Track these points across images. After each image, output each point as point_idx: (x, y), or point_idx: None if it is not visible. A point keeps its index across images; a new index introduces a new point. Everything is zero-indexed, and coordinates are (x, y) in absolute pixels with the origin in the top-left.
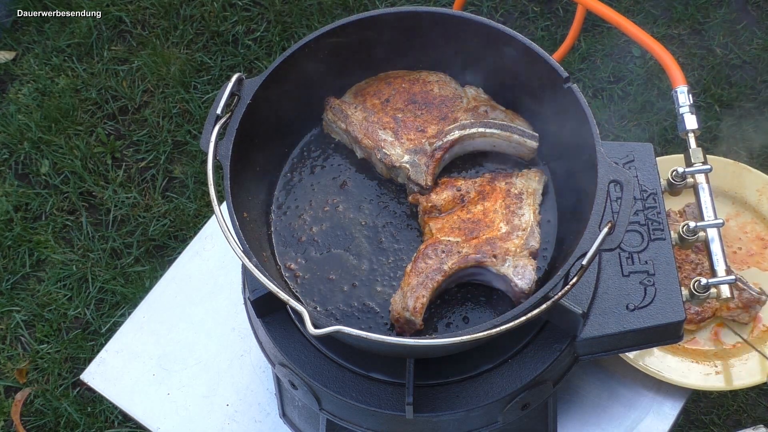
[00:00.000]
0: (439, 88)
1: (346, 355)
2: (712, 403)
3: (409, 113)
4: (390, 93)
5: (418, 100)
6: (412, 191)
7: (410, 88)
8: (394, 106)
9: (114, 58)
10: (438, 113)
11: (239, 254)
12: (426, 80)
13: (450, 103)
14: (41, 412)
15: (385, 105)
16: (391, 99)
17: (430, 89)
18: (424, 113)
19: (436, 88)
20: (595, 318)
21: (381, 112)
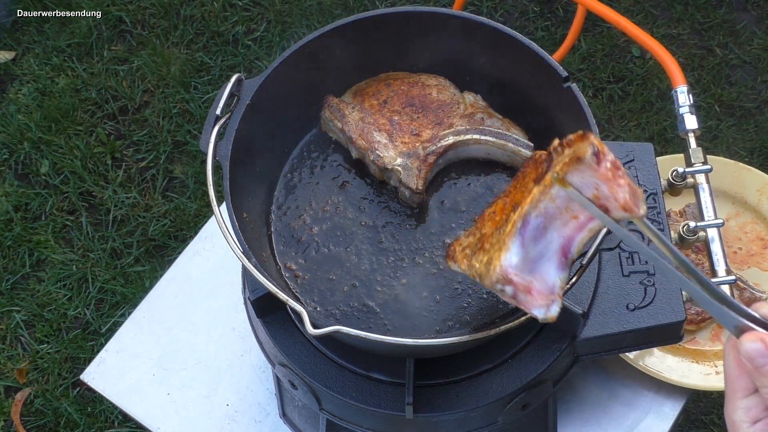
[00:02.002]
0: (438, 92)
1: (346, 355)
2: (712, 403)
3: (406, 116)
4: (388, 94)
5: (416, 104)
6: (403, 194)
7: (409, 90)
8: (392, 108)
9: (114, 58)
10: (434, 118)
11: (239, 255)
12: (425, 83)
13: (447, 108)
14: (41, 412)
15: (383, 106)
16: (389, 101)
17: (429, 93)
18: (421, 117)
19: (435, 93)
20: (595, 318)
21: (378, 114)
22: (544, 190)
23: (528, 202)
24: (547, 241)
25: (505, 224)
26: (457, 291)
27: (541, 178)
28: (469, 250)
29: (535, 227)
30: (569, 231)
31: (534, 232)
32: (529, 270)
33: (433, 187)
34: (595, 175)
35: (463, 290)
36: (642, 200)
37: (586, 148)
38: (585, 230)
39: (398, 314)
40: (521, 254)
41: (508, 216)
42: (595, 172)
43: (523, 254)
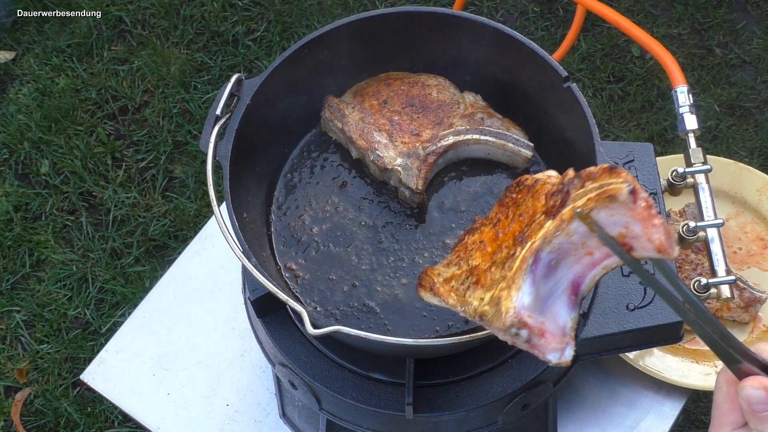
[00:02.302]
0: (438, 92)
1: (346, 355)
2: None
3: (406, 116)
4: (389, 94)
5: (416, 104)
6: (403, 194)
7: (409, 90)
8: (392, 108)
9: (114, 58)
10: (434, 118)
11: (239, 255)
12: (425, 83)
13: (447, 108)
14: (41, 412)
15: (383, 106)
16: (389, 101)
17: (429, 93)
18: (421, 117)
19: (435, 93)
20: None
21: (378, 114)
22: (560, 225)
23: (540, 237)
24: (558, 278)
25: (509, 259)
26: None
27: (557, 212)
28: (456, 284)
29: (546, 264)
30: (581, 268)
31: (545, 269)
32: (540, 310)
33: (433, 187)
34: (631, 214)
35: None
36: (675, 241)
37: (621, 187)
38: (599, 267)
39: (398, 314)
40: (533, 294)
41: (513, 250)
42: (631, 211)
43: (534, 294)
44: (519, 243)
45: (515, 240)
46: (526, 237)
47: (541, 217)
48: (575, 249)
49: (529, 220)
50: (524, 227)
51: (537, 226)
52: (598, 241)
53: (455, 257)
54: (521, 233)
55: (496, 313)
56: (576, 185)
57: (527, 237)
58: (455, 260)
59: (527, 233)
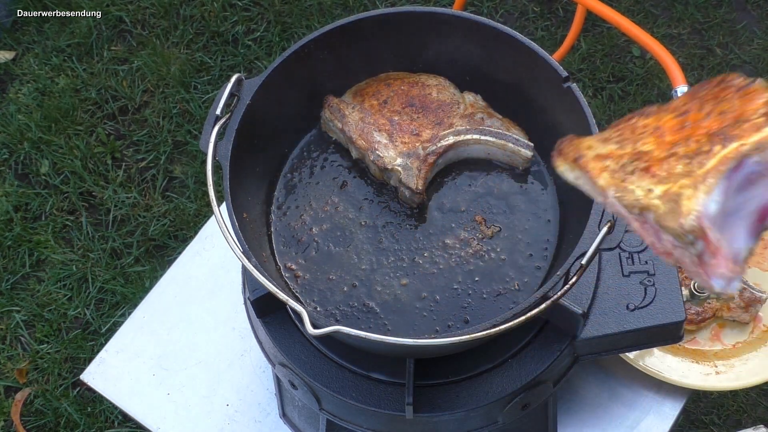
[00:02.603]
0: (438, 92)
1: (346, 355)
2: (712, 403)
3: (406, 116)
4: (388, 94)
5: (416, 104)
6: (403, 194)
7: (409, 90)
8: (392, 108)
9: (114, 58)
10: (434, 118)
11: (239, 255)
12: (425, 83)
13: (447, 108)
14: (41, 412)
15: (383, 106)
16: (389, 101)
17: (429, 93)
18: (421, 117)
19: (435, 93)
20: (595, 318)
21: (378, 114)
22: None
23: (756, 141)
24: (750, 197)
25: (700, 155)
26: (457, 291)
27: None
28: (613, 164)
29: (746, 174)
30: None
31: (743, 180)
32: (720, 226)
33: (433, 187)
34: None
35: (463, 290)
36: None
37: None
38: None
39: (398, 314)
40: (722, 204)
41: (706, 147)
42: None
43: (723, 204)
44: (718, 140)
45: (711, 136)
46: (730, 136)
47: (761, 119)
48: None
49: (734, 119)
50: (726, 126)
51: (751, 127)
52: None
53: (616, 134)
54: (721, 131)
55: (670, 210)
56: None
57: (733, 136)
58: (616, 137)
59: (733, 132)
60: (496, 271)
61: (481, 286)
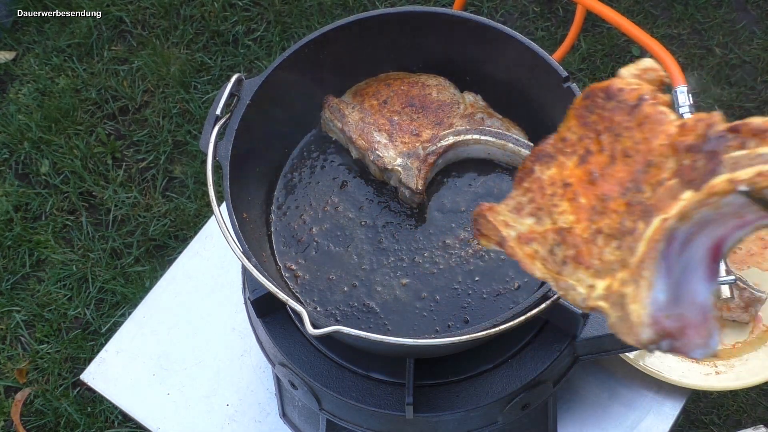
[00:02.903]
0: (438, 92)
1: (346, 355)
2: (712, 403)
3: (406, 116)
4: (388, 95)
5: (416, 104)
6: (403, 194)
7: (409, 90)
8: (392, 108)
9: (114, 58)
10: (434, 118)
11: (238, 255)
12: (425, 84)
13: (447, 108)
14: (41, 412)
15: (383, 106)
16: (389, 101)
17: (429, 93)
18: (421, 117)
19: (435, 93)
20: (595, 318)
21: (378, 114)
22: (707, 199)
23: (676, 214)
24: (694, 249)
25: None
26: (457, 291)
27: (700, 181)
28: (541, 249)
29: (682, 241)
30: (724, 230)
31: (680, 246)
32: (675, 299)
33: (433, 187)
34: None
35: (463, 290)
36: None
37: None
38: (750, 227)
39: (398, 314)
40: (668, 285)
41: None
42: None
43: (670, 282)
44: (639, 215)
45: (629, 202)
46: (649, 208)
47: (672, 182)
48: (722, 218)
49: (643, 165)
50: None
51: (666, 193)
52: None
53: (527, 199)
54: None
55: (622, 320)
56: (731, 144)
57: (652, 208)
58: (528, 204)
59: (651, 202)
60: (496, 270)
61: (481, 286)
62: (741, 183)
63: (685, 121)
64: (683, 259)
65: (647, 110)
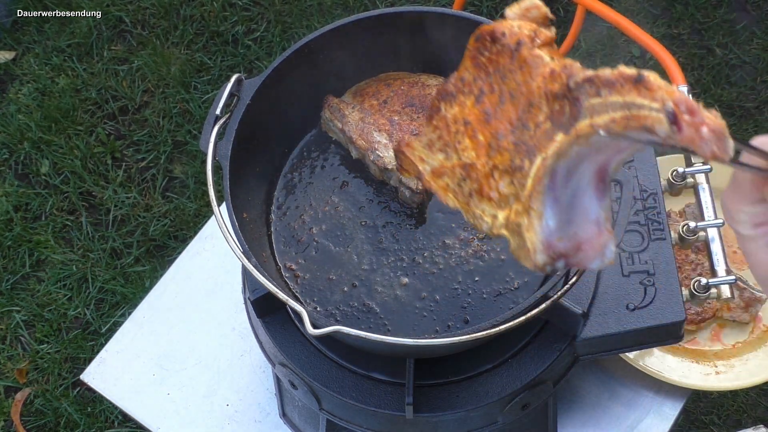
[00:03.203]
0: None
1: (346, 355)
2: (712, 403)
3: (406, 116)
4: (388, 95)
5: (416, 104)
6: (403, 194)
7: (409, 90)
8: (392, 108)
9: (114, 58)
10: None
11: (238, 255)
12: (425, 84)
13: None
14: (41, 412)
15: (383, 106)
16: (389, 101)
17: (429, 93)
18: (421, 117)
19: (435, 93)
20: (595, 318)
21: (378, 114)
22: (576, 140)
23: (553, 154)
24: (579, 175)
25: (516, 172)
26: (457, 291)
27: (568, 124)
28: (451, 182)
29: (564, 173)
30: (604, 157)
31: (564, 178)
32: (567, 220)
33: None
34: (675, 141)
35: (463, 290)
36: (727, 137)
37: (659, 118)
38: (625, 152)
39: (398, 314)
40: (557, 211)
41: (517, 159)
42: (675, 140)
43: (558, 210)
44: (523, 153)
45: (516, 142)
46: (531, 147)
47: (547, 125)
48: (598, 149)
49: (526, 105)
50: (521, 116)
51: (543, 135)
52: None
53: (436, 136)
54: (521, 128)
55: (520, 246)
56: (588, 92)
57: (534, 148)
58: (438, 142)
59: (533, 142)
60: (496, 270)
61: (481, 286)
62: (599, 127)
63: (554, 68)
64: (570, 186)
65: (525, 54)
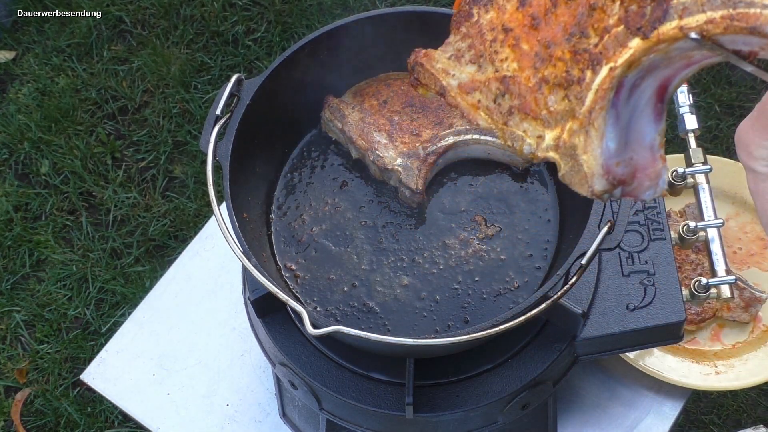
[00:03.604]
0: None
1: (346, 355)
2: (712, 403)
3: (406, 116)
4: (388, 95)
5: (416, 104)
6: (403, 194)
7: (409, 90)
8: (392, 108)
9: (114, 58)
10: (434, 118)
11: (239, 255)
12: None
13: (447, 108)
14: (41, 412)
15: (383, 106)
16: (389, 101)
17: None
18: (421, 117)
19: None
20: (595, 318)
21: (378, 114)
22: (656, 46)
23: (625, 63)
24: (641, 92)
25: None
26: (457, 291)
27: (648, 29)
28: (484, 99)
29: (630, 87)
30: (671, 71)
31: (627, 92)
32: (625, 143)
33: (433, 187)
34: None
35: (463, 290)
36: None
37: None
38: (695, 66)
39: (398, 314)
40: (618, 132)
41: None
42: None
43: (619, 129)
44: (586, 63)
45: (574, 50)
46: (596, 55)
47: (619, 29)
48: (670, 61)
49: (586, 8)
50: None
51: (613, 41)
52: (706, 52)
53: (466, 46)
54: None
55: (574, 171)
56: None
57: (599, 56)
58: (468, 53)
59: (597, 49)
60: (496, 271)
61: (481, 286)
62: (690, 30)
63: None
64: (631, 104)
65: None
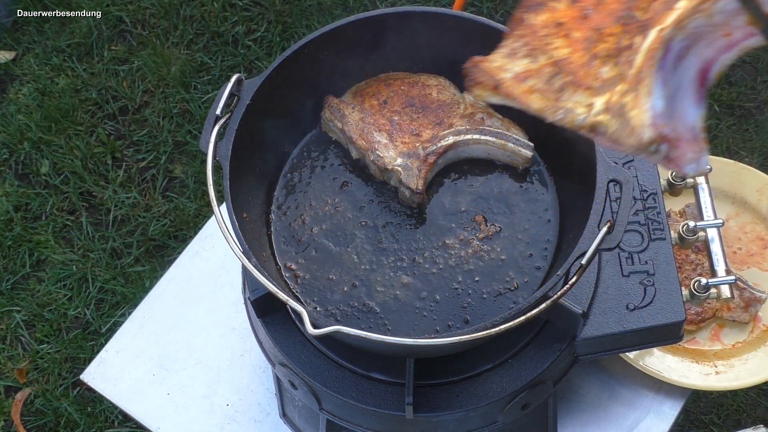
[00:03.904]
0: (438, 92)
1: (346, 355)
2: (712, 403)
3: (406, 116)
4: (388, 95)
5: (416, 104)
6: (403, 194)
7: (409, 90)
8: (392, 108)
9: (114, 58)
10: (434, 118)
11: (239, 255)
12: (425, 83)
13: (447, 108)
14: (41, 412)
15: (383, 106)
16: (389, 101)
17: (429, 93)
18: (421, 117)
19: (435, 93)
20: (595, 318)
21: (378, 114)
22: (702, 4)
23: (674, 22)
24: (685, 69)
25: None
26: (457, 291)
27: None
28: (538, 82)
29: (676, 54)
30: (713, 52)
31: (674, 60)
32: (670, 113)
33: (433, 187)
34: None
35: (463, 290)
36: None
37: None
38: (735, 49)
39: (398, 314)
40: (665, 95)
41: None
42: None
43: (665, 93)
44: (636, 31)
45: (624, 24)
46: (645, 23)
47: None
48: (712, 31)
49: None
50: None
51: (660, 6)
52: (747, 20)
53: (521, 44)
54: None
55: (622, 127)
56: None
57: (648, 22)
58: (522, 48)
59: (646, 17)
60: (496, 271)
61: (481, 286)
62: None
63: None
64: (677, 75)
65: None
